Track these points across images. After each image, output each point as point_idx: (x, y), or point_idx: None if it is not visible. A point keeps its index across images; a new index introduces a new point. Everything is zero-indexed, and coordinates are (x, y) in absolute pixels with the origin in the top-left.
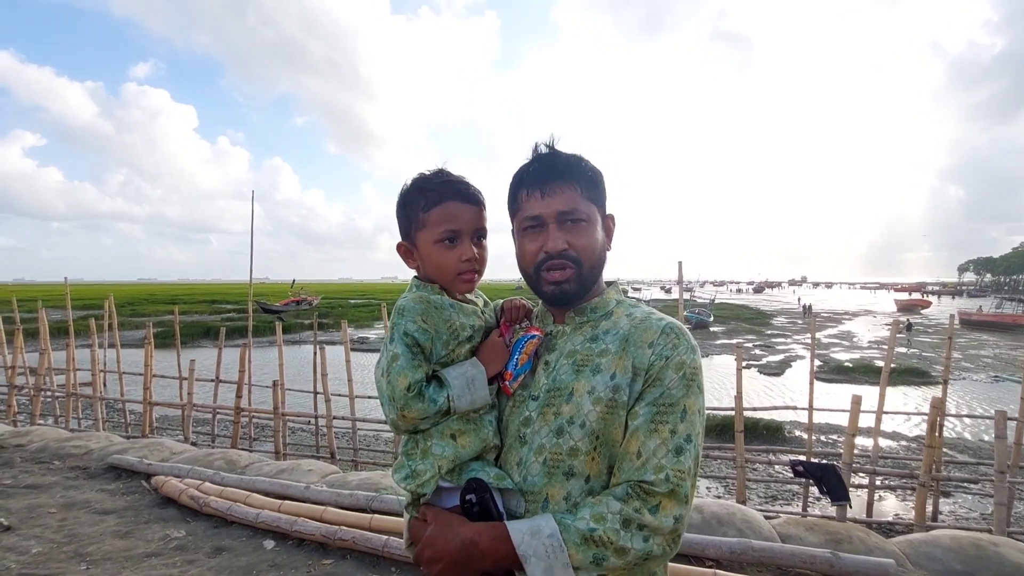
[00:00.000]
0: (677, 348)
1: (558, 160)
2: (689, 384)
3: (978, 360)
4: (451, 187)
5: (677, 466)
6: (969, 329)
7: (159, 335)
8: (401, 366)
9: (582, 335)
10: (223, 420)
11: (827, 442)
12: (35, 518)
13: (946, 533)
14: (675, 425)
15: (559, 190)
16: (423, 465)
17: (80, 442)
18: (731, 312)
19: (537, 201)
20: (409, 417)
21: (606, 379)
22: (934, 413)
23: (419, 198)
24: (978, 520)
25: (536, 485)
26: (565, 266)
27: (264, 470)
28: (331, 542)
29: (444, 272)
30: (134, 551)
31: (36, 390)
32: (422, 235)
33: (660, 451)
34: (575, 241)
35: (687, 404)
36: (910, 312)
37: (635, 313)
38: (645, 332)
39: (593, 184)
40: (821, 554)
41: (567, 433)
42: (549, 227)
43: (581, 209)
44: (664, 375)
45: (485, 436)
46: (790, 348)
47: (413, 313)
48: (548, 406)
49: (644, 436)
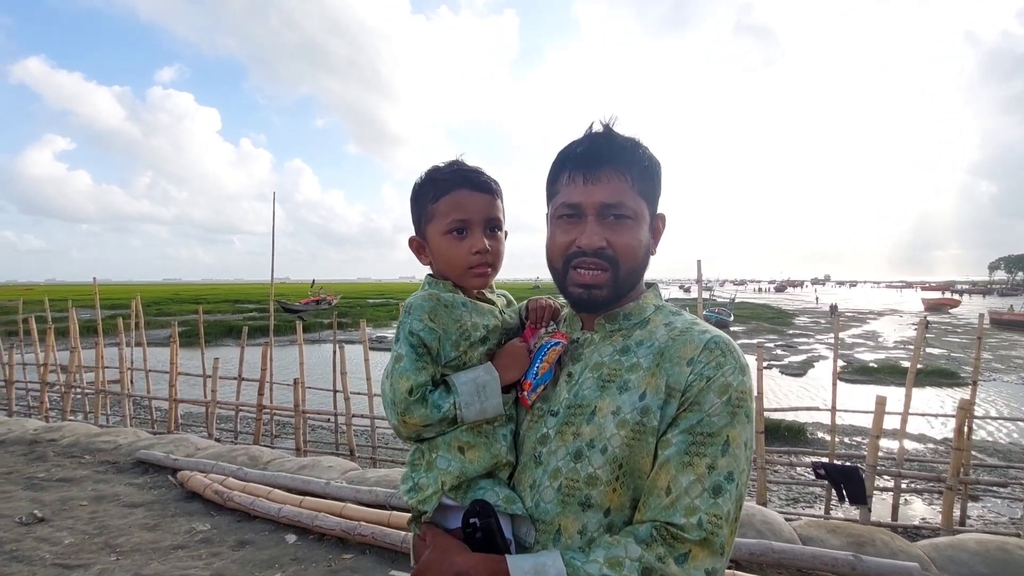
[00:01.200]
0: (722, 367)
1: (611, 143)
2: (735, 411)
3: (1009, 361)
4: (461, 175)
5: (714, 509)
6: (1000, 329)
7: (184, 334)
8: (404, 367)
9: (611, 345)
10: (245, 417)
11: (851, 444)
12: (67, 510)
13: (972, 537)
14: (714, 459)
15: (606, 178)
16: (426, 479)
17: (109, 437)
18: (752, 311)
19: (579, 187)
20: (410, 423)
21: (634, 399)
22: (962, 415)
23: (429, 189)
24: (1007, 524)
25: (548, 513)
26: (598, 266)
27: (286, 466)
28: (351, 537)
29: (454, 266)
30: (161, 543)
31: (67, 387)
32: (432, 227)
33: (694, 489)
34: (615, 239)
35: (730, 435)
36: (938, 311)
37: (675, 323)
38: (684, 346)
39: (648, 176)
40: (843, 557)
41: (586, 458)
42: (587, 219)
43: (628, 204)
44: (704, 399)
45: (497, 452)
46: (813, 348)
47: (419, 311)
48: (567, 424)
49: (676, 470)
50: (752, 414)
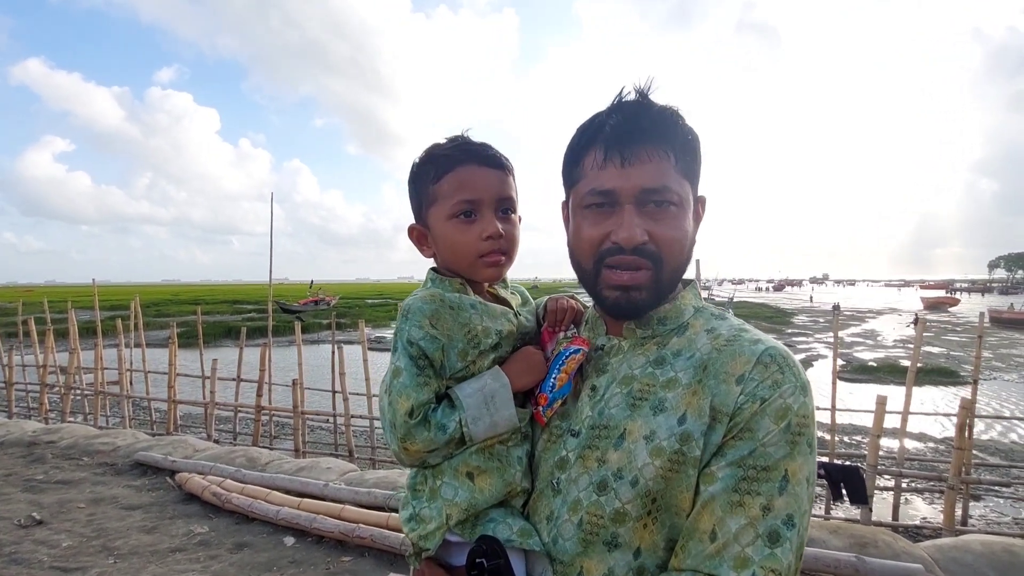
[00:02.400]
0: (779, 386)
1: (651, 114)
2: (795, 440)
3: (1009, 359)
4: (466, 149)
5: (770, 562)
6: (1000, 327)
7: (183, 335)
8: (403, 384)
9: (644, 355)
10: (244, 418)
11: (851, 443)
12: (65, 513)
13: (977, 538)
14: (770, 499)
15: (647, 158)
16: (429, 510)
17: (108, 439)
18: (751, 311)
19: (615, 170)
20: (413, 450)
21: (672, 422)
22: (963, 414)
23: (429, 168)
24: (1010, 525)
25: (568, 552)
26: (639, 265)
27: (284, 468)
28: (350, 539)
29: (462, 255)
30: (159, 546)
31: (66, 388)
32: (434, 211)
33: (745, 536)
34: (660, 232)
35: (790, 469)
36: (937, 310)
37: (719, 329)
38: (733, 359)
39: (691, 152)
40: (845, 558)
41: (612, 490)
42: (624, 208)
43: (672, 187)
44: (758, 425)
45: (511, 478)
46: (812, 347)
47: (419, 315)
48: (590, 448)
49: (723, 511)
50: (815, 443)
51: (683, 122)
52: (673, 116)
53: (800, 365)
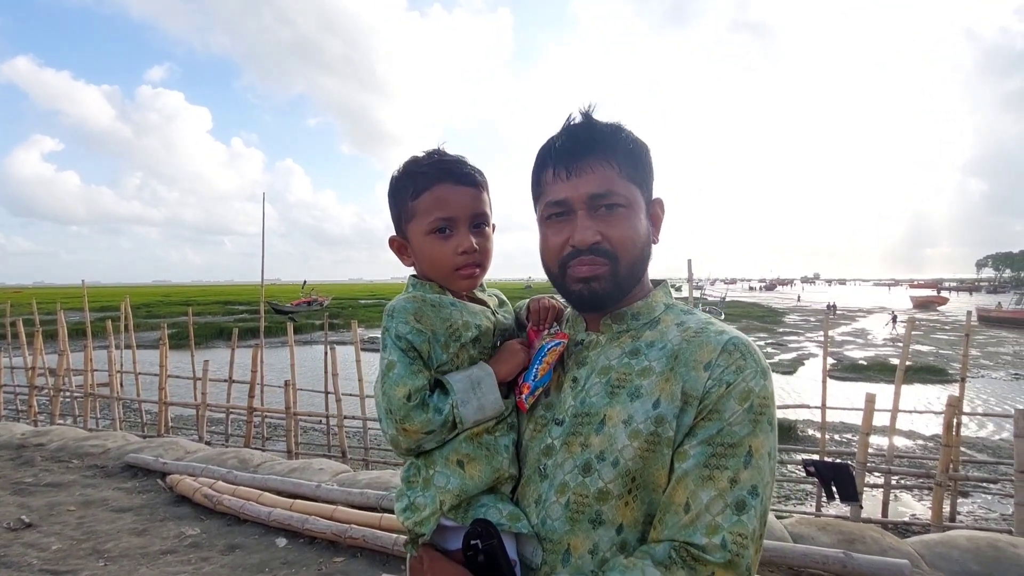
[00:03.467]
0: (743, 371)
1: (591, 131)
2: (757, 419)
3: (997, 357)
4: (441, 167)
5: (738, 527)
6: (987, 326)
7: (174, 336)
8: (398, 374)
9: (620, 347)
10: (236, 420)
11: (841, 441)
12: (55, 515)
13: (963, 534)
14: (736, 472)
15: (590, 168)
16: (423, 498)
17: (98, 441)
18: (743, 310)
19: (563, 183)
20: (411, 430)
21: (647, 407)
22: (951, 411)
23: (408, 184)
24: (997, 521)
25: (556, 532)
26: (597, 261)
27: (276, 469)
28: (342, 540)
29: (439, 267)
30: (150, 548)
31: (55, 390)
32: (413, 226)
33: (716, 505)
34: (610, 232)
35: (753, 445)
36: (926, 309)
37: (688, 322)
38: (701, 348)
39: (635, 160)
40: (834, 554)
41: (596, 471)
42: (577, 215)
43: (618, 191)
44: (724, 406)
45: (499, 465)
46: (803, 346)
47: (404, 313)
48: (574, 435)
49: (695, 484)
50: (775, 421)
51: (625, 134)
52: (615, 130)
53: (760, 352)
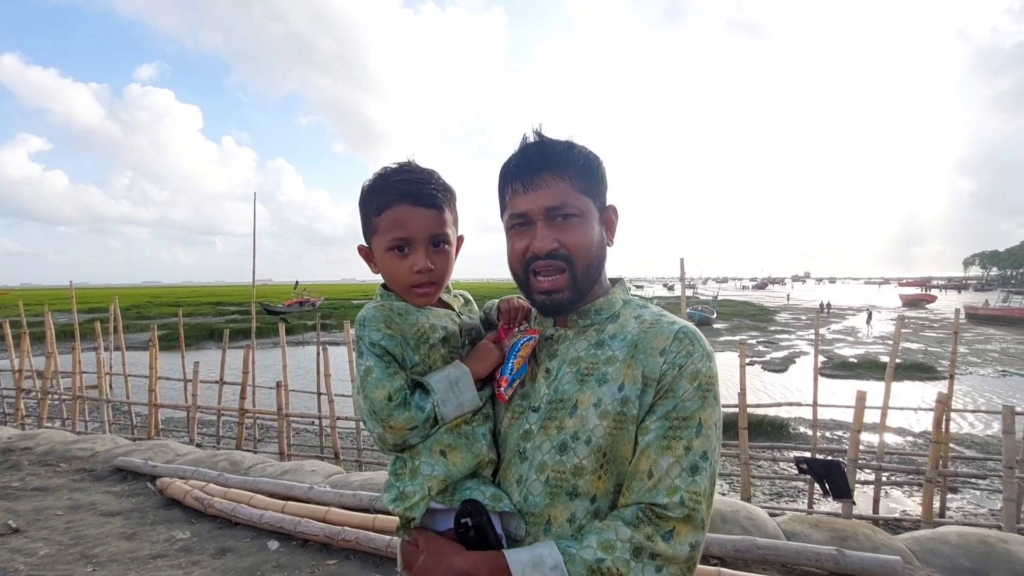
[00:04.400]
0: (691, 355)
1: (544, 149)
2: (704, 395)
3: (985, 355)
4: (403, 188)
5: (692, 487)
6: (975, 323)
7: (164, 337)
8: (377, 378)
9: (586, 340)
10: (228, 421)
11: (832, 438)
12: (42, 520)
13: (953, 530)
14: (689, 441)
15: (545, 183)
16: (412, 486)
17: (86, 444)
18: (734, 309)
19: (522, 196)
20: (396, 428)
21: (613, 390)
22: (940, 408)
23: (372, 199)
24: (986, 516)
25: (537, 506)
26: (556, 268)
27: (268, 471)
28: (335, 542)
29: (397, 283)
30: (140, 552)
31: (43, 393)
32: (375, 240)
33: (674, 470)
34: (566, 239)
35: (702, 417)
36: (915, 307)
37: (644, 315)
38: (656, 338)
39: (587, 173)
40: (827, 551)
41: (571, 450)
42: (537, 225)
43: (571, 203)
44: (677, 386)
45: (479, 451)
46: (794, 344)
47: (375, 322)
48: (550, 419)
49: (656, 454)
50: (719, 396)
51: (577, 151)
52: (566, 148)
53: (705, 338)
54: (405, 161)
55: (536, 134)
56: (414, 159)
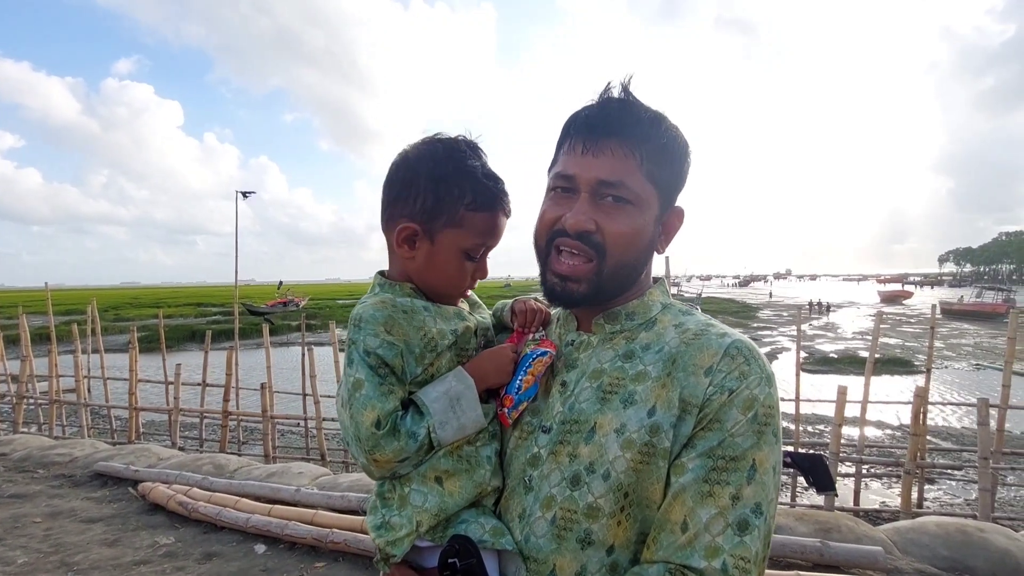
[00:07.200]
0: (746, 378)
1: (625, 111)
2: (761, 430)
3: (959, 349)
4: (501, 195)
5: (740, 550)
6: (950, 319)
7: (144, 339)
8: (366, 395)
9: (613, 349)
10: (211, 424)
11: (814, 432)
12: (20, 528)
13: (932, 520)
14: (739, 488)
15: (610, 150)
16: (399, 517)
17: (64, 450)
18: (718, 306)
19: (576, 158)
20: (383, 460)
21: (642, 415)
22: (918, 402)
23: (465, 189)
24: (963, 506)
25: (541, 550)
26: (582, 253)
27: (253, 474)
28: (323, 545)
29: (449, 285)
30: (122, 559)
31: (18, 398)
32: (451, 234)
33: (716, 525)
34: (607, 225)
35: (757, 458)
36: (893, 303)
37: (687, 324)
38: (701, 352)
39: (665, 158)
40: (811, 543)
41: (585, 484)
42: (581, 196)
43: (630, 185)
44: (726, 415)
45: (481, 479)
46: (776, 340)
47: (373, 324)
48: (562, 443)
49: (694, 501)
50: (780, 433)
51: (665, 127)
52: (654, 119)
53: (765, 357)
54: (473, 146)
55: (623, 89)
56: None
